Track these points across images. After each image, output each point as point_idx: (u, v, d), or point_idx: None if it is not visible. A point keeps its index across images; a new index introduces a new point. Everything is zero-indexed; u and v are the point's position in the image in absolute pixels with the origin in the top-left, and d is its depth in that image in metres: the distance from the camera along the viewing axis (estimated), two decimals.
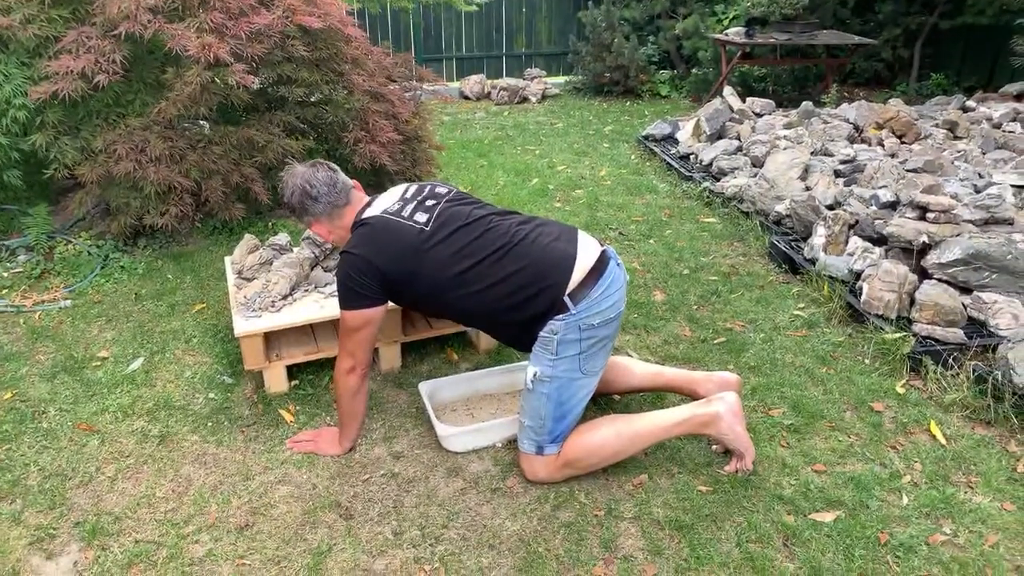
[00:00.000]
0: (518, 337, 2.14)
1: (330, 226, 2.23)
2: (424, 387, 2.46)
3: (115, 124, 3.45)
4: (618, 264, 2.12)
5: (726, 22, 7.56)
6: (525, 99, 7.62)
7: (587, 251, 2.08)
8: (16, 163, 3.50)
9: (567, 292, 2.00)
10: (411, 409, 2.50)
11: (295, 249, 2.89)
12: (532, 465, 2.12)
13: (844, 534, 1.95)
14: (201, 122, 3.94)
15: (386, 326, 2.62)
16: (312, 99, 4.02)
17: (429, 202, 2.15)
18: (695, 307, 3.18)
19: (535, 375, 2.05)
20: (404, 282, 2.07)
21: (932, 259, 2.87)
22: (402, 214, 2.11)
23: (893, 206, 3.34)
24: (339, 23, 3.79)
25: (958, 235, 2.92)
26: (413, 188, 2.22)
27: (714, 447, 2.28)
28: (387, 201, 2.18)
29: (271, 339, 2.65)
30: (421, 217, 2.10)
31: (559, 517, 2.03)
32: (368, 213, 2.15)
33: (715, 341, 2.90)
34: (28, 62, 3.36)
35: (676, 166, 4.96)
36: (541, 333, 2.03)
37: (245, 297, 2.56)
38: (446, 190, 2.22)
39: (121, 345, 2.88)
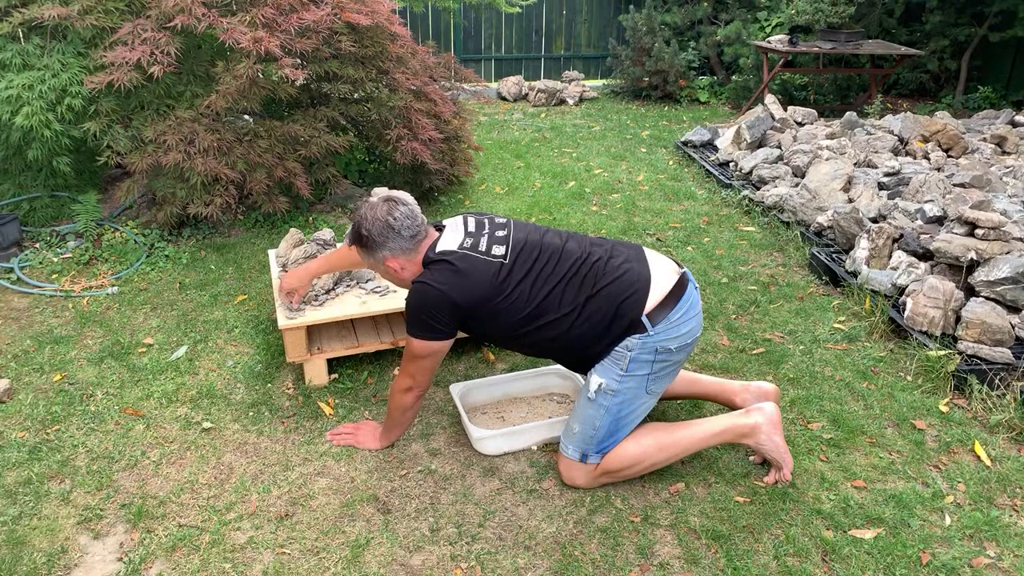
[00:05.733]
0: (588, 362, 2.11)
1: (405, 261, 2.09)
2: (455, 389, 2.47)
3: (165, 115, 3.52)
4: (695, 287, 2.12)
5: (768, 29, 7.49)
6: (562, 101, 7.61)
7: (664, 272, 2.07)
8: (67, 150, 3.59)
9: (644, 313, 1.99)
10: (448, 407, 2.52)
11: (339, 244, 2.93)
12: (571, 471, 2.12)
13: (884, 552, 1.92)
14: (245, 116, 4.00)
15: None
16: (355, 96, 4.07)
17: (499, 233, 2.10)
18: (733, 316, 3.16)
19: (600, 386, 2.04)
20: (481, 317, 2.04)
21: (980, 276, 2.81)
22: (479, 249, 2.04)
23: (940, 221, 3.28)
24: (385, 21, 3.83)
25: (1008, 253, 2.86)
26: (472, 220, 2.16)
27: (752, 457, 2.27)
28: (456, 235, 2.09)
29: (312, 332, 2.69)
30: (499, 250, 2.05)
31: (595, 521, 2.03)
32: (443, 248, 2.06)
33: (753, 351, 2.88)
34: (84, 52, 3.44)
35: (715, 173, 4.93)
36: (615, 348, 2.03)
37: None
38: (505, 219, 2.18)
39: (165, 333, 2.94)
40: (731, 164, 5.03)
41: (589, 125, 6.65)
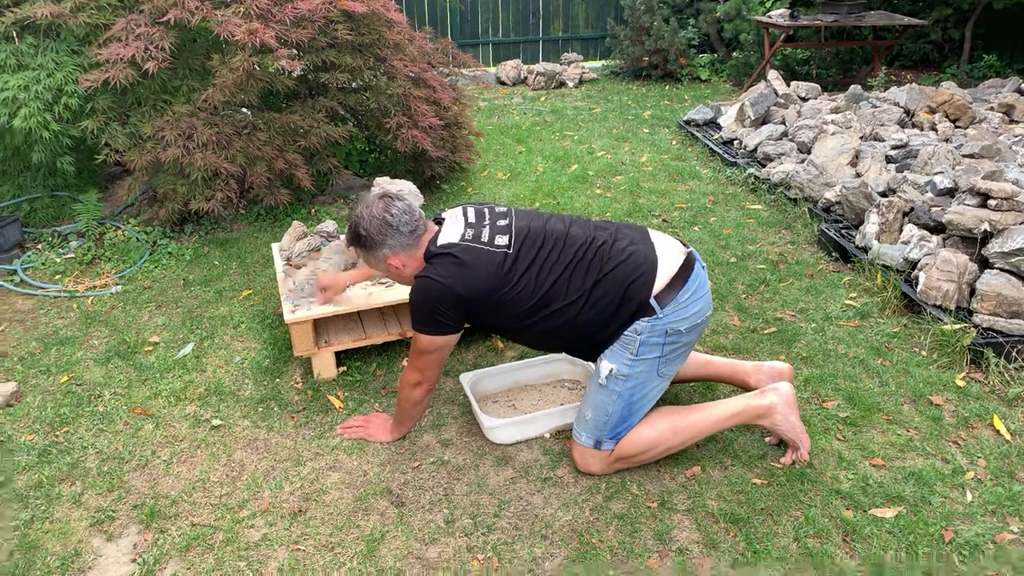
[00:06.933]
0: (597, 348, 2.07)
1: (406, 257, 2.05)
2: (466, 378, 2.45)
3: (162, 111, 3.48)
4: (702, 267, 2.09)
5: (768, 4, 7.39)
6: (562, 84, 7.53)
7: (670, 253, 2.04)
8: (68, 149, 3.55)
9: (652, 295, 1.97)
10: (458, 397, 2.50)
11: (342, 236, 2.90)
12: (585, 458, 2.10)
13: (906, 531, 1.90)
14: (243, 110, 3.96)
15: None
16: (353, 85, 4.02)
17: (501, 222, 2.06)
18: (743, 296, 3.12)
19: (611, 372, 2.01)
20: (487, 309, 2.00)
21: (994, 248, 2.77)
22: (482, 239, 2.00)
23: (951, 193, 3.23)
24: (382, 8, 3.77)
25: (1022, 223, 2.82)
26: (472, 211, 2.11)
27: (767, 438, 2.24)
28: (456, 227, 2.05)
29: (319, 326, 2.66)
30: (502, 240, 2.01)
31: (611, 508, 2.01)
32: (445, 241, 2.01)
33: (765, 331, 2.85)
34: (78, 50, 3.40)
35: (719, 151, 4.87)
36: (624, 332, 2.00)
37: (294, 283, 2.57)
38: (505, 208, 2.14)
39: (171, 331, 2.92)
40: (735, 142, 4.97)
41: (590, 107, 6.59)
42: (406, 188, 3.23)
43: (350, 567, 1.84)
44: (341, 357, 2.66)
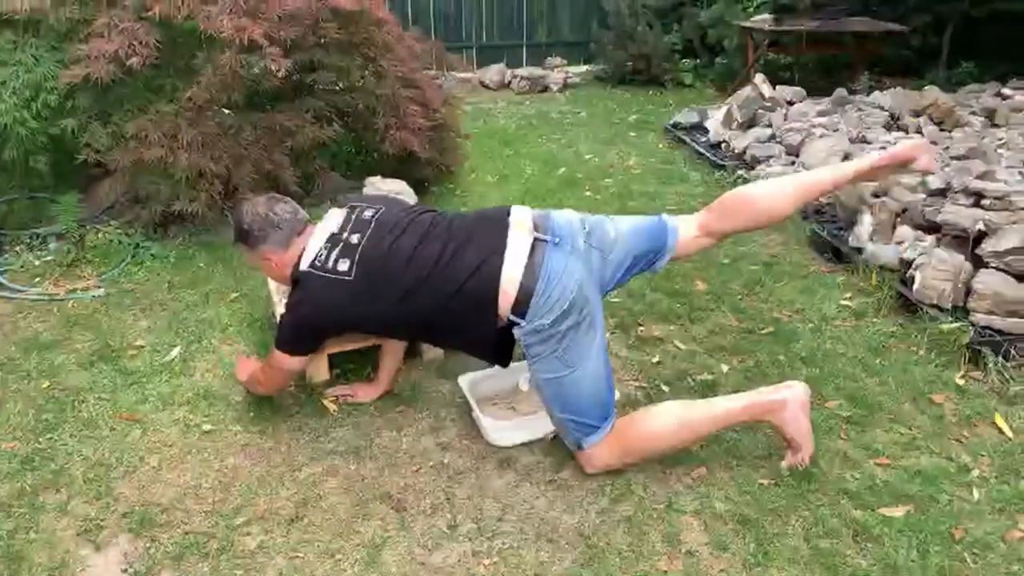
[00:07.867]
0: (494, 351, 2.13)
1: (284, 256, 2.14)
2: (464, 380, 2.40)
3: (146, 110, 3.39)
4: (555, 245, 1.97)
5: (751, 9, 7.45)
6: (546, 88, 7.53)
7: (516, 255, 1.96)
8: (45, 148, 3.45)
9: (509, 311, 1.94)
10: (456, 399, 2.44)
11: None
12: (580, 459, 2.08)
13: (916, 529, 1.88)
14: (225, 111, 3.87)
15: None
16: (340, 85, 3.96)
17: (354, 237, 2.05)
18: (739, 297, 3.11)
19: (530, 380, 2.05)
20: (352, 328, 2.18)
21: (988, 247, 2.78)
22: (327, 266, 2.02)
23: (943, 193, 3.24)
24: (370, 5, 3.72)
25: (1014, 223, 2.83)
26: (341, 219, 2.12)
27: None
28: (316, 243, 2.08)
29: None
30: (343, 265, 2.01)
31: (618, 511, 1.97)
32: (303, 265, 2.06)
33: (763, 331, 2.83)
34: (59, 46, 3.31)
35: (707, 155, 4.88)
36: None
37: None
38: (372, 212, 2.12)
39: (156, 334, 2.83)
40: (723, 145, 4.98)
41: (575, 111, 6.58)
42: (399, 188, 3.18)
43: (352, 574, 1.78)
44: (334, 360, 2.59)
